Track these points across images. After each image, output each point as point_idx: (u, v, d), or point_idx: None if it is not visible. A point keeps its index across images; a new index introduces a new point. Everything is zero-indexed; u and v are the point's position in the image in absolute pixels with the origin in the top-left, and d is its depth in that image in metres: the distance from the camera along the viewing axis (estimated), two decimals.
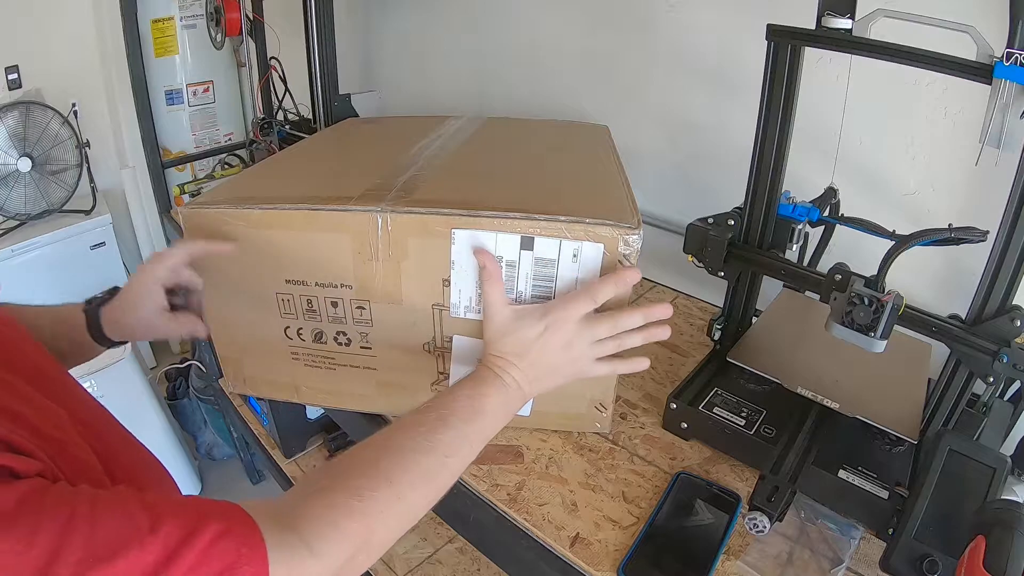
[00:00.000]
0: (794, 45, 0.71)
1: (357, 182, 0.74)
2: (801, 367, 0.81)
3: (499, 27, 1.46)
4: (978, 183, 0.88)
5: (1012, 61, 0.56)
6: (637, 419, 0.86)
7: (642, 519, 0.71)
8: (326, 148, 1.09)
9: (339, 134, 1.17)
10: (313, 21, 1.37)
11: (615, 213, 0.67)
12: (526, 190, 0.76)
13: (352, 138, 1.13)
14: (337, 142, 1.13)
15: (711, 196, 0.90)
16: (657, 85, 1.21)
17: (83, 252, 1.97)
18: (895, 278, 0.65)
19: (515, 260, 0.67)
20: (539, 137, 1.06)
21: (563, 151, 0.97)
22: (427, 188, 0.73)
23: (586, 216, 0.65)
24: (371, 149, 1.06)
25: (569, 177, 0.85)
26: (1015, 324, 0.63)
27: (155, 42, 1.95)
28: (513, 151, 0.99)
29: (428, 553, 1.48)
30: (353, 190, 0.71)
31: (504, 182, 0.81)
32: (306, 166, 0.94)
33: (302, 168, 0.93)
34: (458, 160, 0.87)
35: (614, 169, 0.84)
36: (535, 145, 1.01)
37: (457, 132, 1.01)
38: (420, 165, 0.82)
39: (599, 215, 0.66)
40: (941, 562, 0.58)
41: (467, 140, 0.98)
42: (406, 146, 0.91)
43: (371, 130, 1.17)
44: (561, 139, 1.03)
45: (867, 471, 0.70)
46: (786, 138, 0.76)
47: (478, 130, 1.03)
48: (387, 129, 1.16)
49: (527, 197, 0.70)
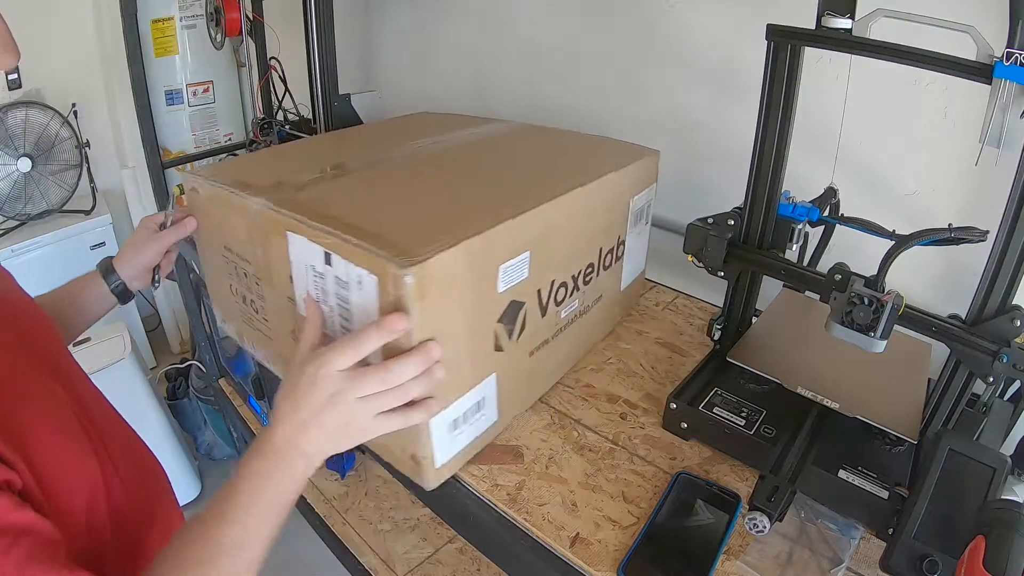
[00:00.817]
0: (794, 45, 0.71)
1: (299, 174, 0.81)
2: (801, 367, 0.81)
3: (499, 27, 1.46)
4: (978, 183, 0.88)
5: (1012, 61, 0.56)
6: (637, 419, 0.86)
7: (642, 519, 0.71)
8: (344, 136, 1.17)
9: (384, 124, 1.24)
10: (313, 21, 1.37)
11: (412, 244, 0.59)
12: (399, 206, 0.73)
13: (381, 128, 1.19)
14: (363, 131, 1.20)
15: (711, 196, 0.91)
16: (657, 85, 1.21)
17: (83, 252, 1.97)
18: (895, 278, 0.65)
19: (323, 273, 0.65)
20: (538, 153, 1.00)
21: (536, 171, 0.90)
22: (322, 188, 0.77)
23: (375, 243, 0.59)
24: (368, 141, 1.06)
25: (462, 198, 0.77)
26: (1015, 324, 0.63)
27: (155, 42, 1.95)
28: (484, 164, 0.93)
29: (428, 553, 1.48)
30: (284, 178, 0.79)
31: (397, 194, 0.78)
32: (300, 153, 1.04)
33: (294, 154, 1.02)
34: (410, 164, 0.88)
35: (534, 201, 0.72)
36: (518, 161, 0.95)
37: (471, 135, 1.01)
38: (368, 164, 0.87)
39: (389, 243, 0.59)
40: (941, 562, 0.58)
41: (463, 145, 0.98)
42: (396, 143, 0.95)
43: (408, 123, 1.19)
44: (561, 159, 0.97)
45: (867, 471, 0.70)
46: (786, 138, 0.76)
47: (496, 136, 1.03)
48: (421, 124, 1.15)
49: (381, 212, 0.69)
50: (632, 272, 1.04)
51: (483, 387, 0.73)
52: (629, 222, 0.95)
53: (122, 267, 0.80)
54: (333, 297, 0.65)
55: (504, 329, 0.73)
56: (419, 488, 0.73)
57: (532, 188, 0.78)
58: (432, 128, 1.07)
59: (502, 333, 0.73)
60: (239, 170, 0.86)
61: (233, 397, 1.81)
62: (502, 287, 0.70)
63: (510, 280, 0.71)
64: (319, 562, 1.67)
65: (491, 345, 0.72)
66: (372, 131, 1.24)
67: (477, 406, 0.74)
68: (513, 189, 0.80)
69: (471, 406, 0.72)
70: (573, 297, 0.86)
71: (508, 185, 0.82)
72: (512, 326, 0.74)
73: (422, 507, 1.56)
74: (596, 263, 0.89)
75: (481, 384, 0.73)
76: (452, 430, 0.71)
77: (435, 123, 1.13)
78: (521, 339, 0.77)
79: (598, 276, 0.91)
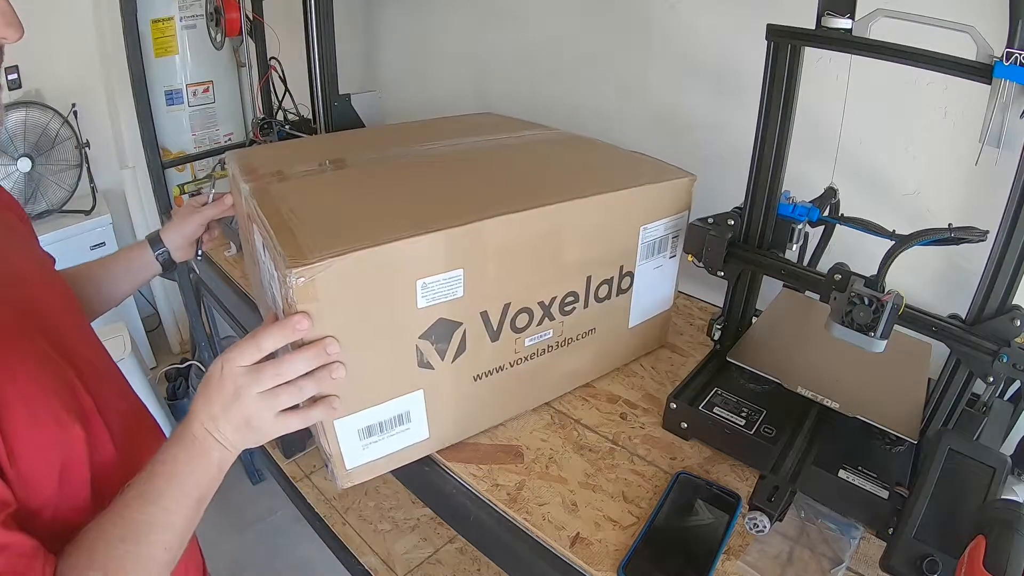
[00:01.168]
0: (794, 45, 0.71)
1: (300, 164, 0.86)
2: (801, 367, 0.81)
3: (499, 27, 1.46)
4: (978, 183, 0.88)
5: (1012, 61, 0.56)
6: (637, 419, 0.86)
7: (642, 519, 0.71)
8: (382, 131, 1.23)
9: (438, 122, 1.20)
10: (313, 21, 1.36)
11: (317, 246, 0.60)
12: (353, 206, 0.74)
13: (427, 126, 1.16)
14: (408, 128, 1.19)
15: (711, 196, 0.90)
16: (657, 85, 1.21)
17: (83, 252, 1.97)
18: (895, 278, 0.65)
19: (263, 263, 0.67)
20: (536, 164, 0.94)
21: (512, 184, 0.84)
22: (305, 181, 0.80)
23: (285, 240, 0.61)
24: (397, 138, 1.05)
25: (413, 205, 0.74)
26: (1015, 324, 0.63)
27: (155, 42, 1.95)
28: (468, 171, 0.89)
29: (428, 553, 1.48)
30: (285, 167, 0.84)
31: (364, 195, 0.78)
32: (325, 144, 1.11)
33: (321, 145, 1.09)
34: (405, 166, 0.88)
35: (472, 217, 0.69)
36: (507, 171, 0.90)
37: (495, 141, 1.00)
38: (369, 161, 0.89)
39: (298, 243, 0.61)
40: (941, 562, 0.58)
41: (473, 149, 0.96)
42: (418, 143, 0.96)
43: (462, 122, 1.19)
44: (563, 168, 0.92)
45: (867, 471, 0.70)
46: (786, 138, 0.76)
47: (515, 143, 1.00)
48: (475, 125, 1.14)
49: (330, 211, 0.71)
50: (647, 309, 0.93)
51: (407, 401, 0.71)
52: (640, 252, 0.85)
53: (168, 238, 0.88)
54: (269, 288, 0.68)
55: (432, 347, 0.70)
56: (420, 488, 0.73)
57: (488, 202, 0.72)
58: (478, 129, 1.07)
59: (430, 351, 0.70)
60: (263, 154, 0.93)
61: None
62: (424, 303, 0.67)
63: (435, 296, 0.67)
64: (319, 562, 1.67)
65: (414, 360, 0.70)
66: (415, 128, 1.16)
67: (399, 419, 0.72)
68: (468, 201, 0.74)
69: (390, 417, 0.71)
70: (543, 326, 0.79)
71: (464, 197, 0.76)
72: (444, 345, 0.71)
73: (422, 507, 1.56)
74: (582, 293, 0.82)
75: (404, 397, 0.71)
76: (365, 436, 0.70)
77: (488, 124, 1.13)
78: (459, 361, 0.73)
79: (586, 308, 0.83)
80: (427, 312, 0.68)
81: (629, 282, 0.87)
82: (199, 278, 1.54)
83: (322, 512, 1.57)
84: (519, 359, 0.80)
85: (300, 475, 1.68)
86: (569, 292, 0.80)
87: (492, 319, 0.74)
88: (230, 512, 1.86)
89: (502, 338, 0.76)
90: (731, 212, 0.81)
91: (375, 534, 1.52)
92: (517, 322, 0.77)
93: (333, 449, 0.69)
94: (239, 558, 1.72)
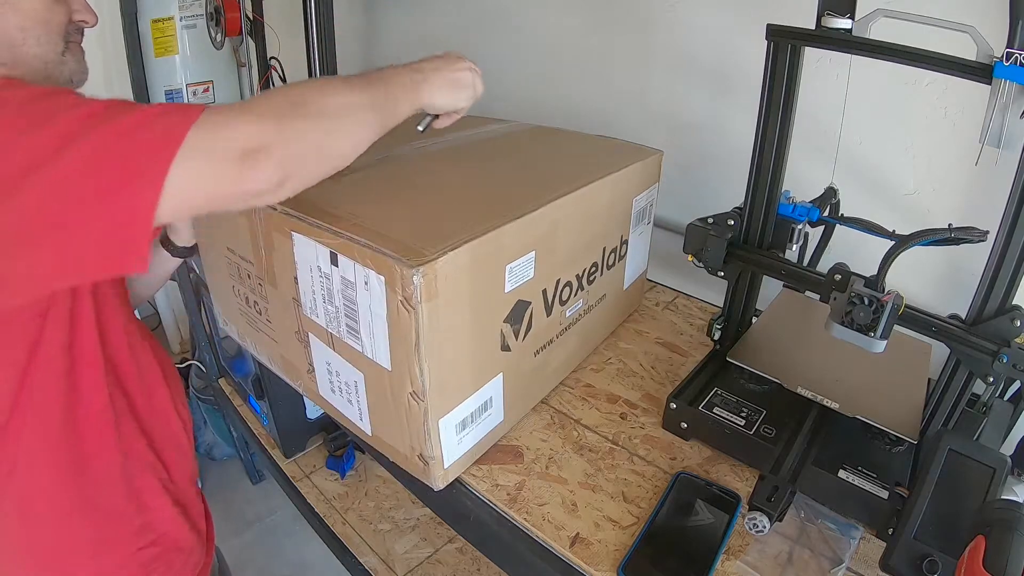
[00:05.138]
0: (794, 45, 0.71)
1: None
2: (801, 367, 0.81)
3: (499, 27, 1.46)
4: (978, 183, 0.88)
5: (1012, 61, 0.56)
6: (637, 419, 0.86)
7: (642, 519, 0.71)
8: None
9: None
10: (313, 21, 1.37)
11: (419, 244, 0.59)
12: (403, 205, 0.73)
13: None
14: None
15: (711, 196, 0.91)
16: (657, 85, 1.21)
17: None
18: (895, 278, 0.65)
19: (329, 274, 0.65)
20: (541, 152, 0.98)
21: (540, 171, 0.89)
22: (325, 187, 0.77)
23: (382, 243, 0.60)
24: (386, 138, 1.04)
25: (467, 197, 0.76)
26: (1015, 324, 0.63)
27: (155, 42, 1.95)
28: (487, 163, 0.91)
29: (428, 553, 1.48)
30: None
31: (401, 193, 0.77)
32: None
33: None
34: (413, 163, 0.87)
35: (539, 201, 0.72)
36: (522, 160, 0.94)
37: (474, 135, 1.00)
38: (371, 162, 0.86)
39: (396, 243, 0.59)
40: (941, 562, 0.58)
41: (466, 144, 0.97)
42: (400, 142, 0.93)
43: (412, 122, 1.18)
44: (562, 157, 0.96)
45: (867, 471, 0.70)
46: (786, 138, 0.76)
47: (499, 136, 1.02)
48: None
49: (386, 211, 0.68)
50: (634, 272, 1.04)
51: (490, 387, 0.74)
52: (631, 221, 0.96)
53: (169, 228, 0.87)
54: (339, 297, 0.65)
55: (511, 329, 0.73)
56: (420, 488, 0.73)
57: (537, 187, 0.77)
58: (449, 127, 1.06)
59: (509, 333, 0.73)
60: None
61: (233, 397, 1.81)
62: (509, 286, 0.70)
63: (517, 280, 0.71)
64: (319, 562, 1.67)
65: (498, 345, 0.72)
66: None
67: (484, 406, 0.74)
68: (518, 188, 0.79)
69: (478, 406, 0.73)
70: (577, 296, 0.86)
71: (513, 184, 0.82)
72: (519, 326, 0.75)
73: (422, 507, 1.56)
74: (600, 262, 0.90)
75: (488, 384, 0.73)
76: (460, 431, 0.71)
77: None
78: (527, 339, 0.77)
79: (601, 275, 0.91)
80: (510, 295, 0.71)
81: (625, 249, 0.97)
82: (199, 278, 1.54)
83: (322, 512, 1.57)
84: (563, 329, 0.86)
85: (300, 475, 1.68)
86: (592, 263, 0.88)
87: (549, 295, 0.80)
88: (230, 512, 1.86)
89: (553, 311, 0.82)
90: (731, 212, 0.81)
91: (375, 534, 1.52)
92: (563, 295, 0.83)
93: (435, 451, 0.69)
94: (239, 558, 1.72)
